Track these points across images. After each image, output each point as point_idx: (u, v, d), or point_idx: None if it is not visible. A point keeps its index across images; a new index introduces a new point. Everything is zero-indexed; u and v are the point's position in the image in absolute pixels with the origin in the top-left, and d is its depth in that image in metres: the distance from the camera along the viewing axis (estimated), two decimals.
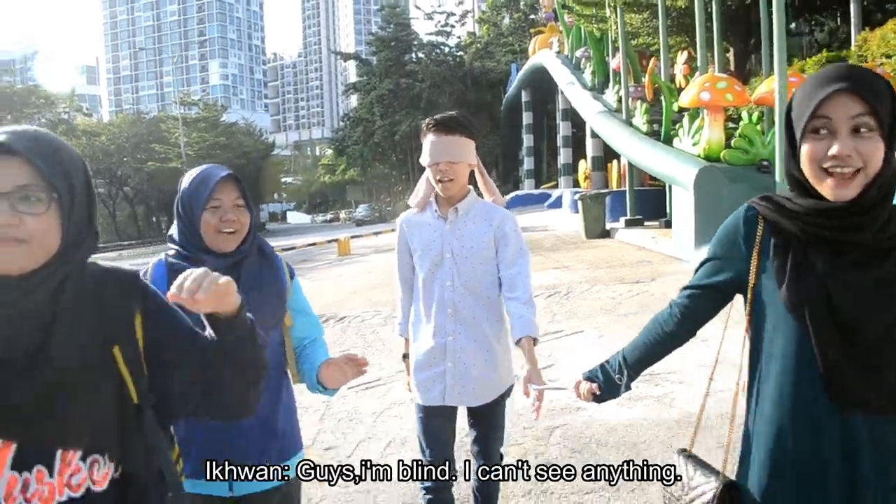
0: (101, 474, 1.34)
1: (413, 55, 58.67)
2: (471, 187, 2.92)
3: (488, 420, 2.93)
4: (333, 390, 2.25)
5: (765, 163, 11.73)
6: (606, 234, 17.25)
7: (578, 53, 25.28)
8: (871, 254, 1.50)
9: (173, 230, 2.17)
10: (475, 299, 2.82)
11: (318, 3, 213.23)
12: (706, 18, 15.76)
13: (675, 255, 12.48)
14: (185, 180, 2.15)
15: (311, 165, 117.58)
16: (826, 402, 1.51)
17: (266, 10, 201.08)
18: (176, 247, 2.13)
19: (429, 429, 2.89)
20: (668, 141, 14.84)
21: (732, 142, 12.32)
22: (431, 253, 2.84)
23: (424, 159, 2.79)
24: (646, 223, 17.13)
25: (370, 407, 5.67)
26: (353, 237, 26.46)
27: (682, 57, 17.89)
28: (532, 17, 53.93)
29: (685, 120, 14.04)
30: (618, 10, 18.28)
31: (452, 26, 61.79)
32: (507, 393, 2.96)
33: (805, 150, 1.49)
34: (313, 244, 28.44)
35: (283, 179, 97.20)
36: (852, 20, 11.65)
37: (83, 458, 1.31)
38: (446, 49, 59.36)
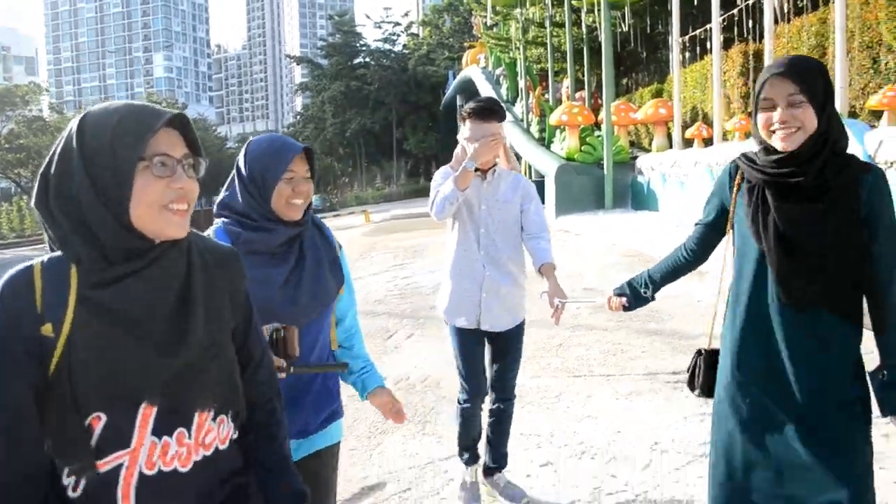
0: (225, 433, 1.43)
1: (362, 59, 64.59)
2: (497, 159, 3.45)
3: (510, 347, 3.49)
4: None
5: (601, 162, 18.07)
6: None
7: (497, 72, 31.58)
8: (808, 193, 2.02)
9: (228, 198, 2.11)
10: (503, 242, 3.38)
11: None
12: (582, 54, 22.25)
13: None
14: (254, 150, 2.10)
15: None
16: (777, 301, 2.09)
17: (210, 1, 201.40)
18: (235, 215, 2.09)
19: (464, 347, 3.45)
20: (549, 145, 21.15)
21: (582, 147, 18.67)
22: (469, 205, 3.36)
23: (465, 137, 3.32)
24: (545, 204, 23.36)
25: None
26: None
27: (565, 83, 24.23)
28: (470, 21, 59.93)
29: (557, 131, 20.37)
30: (520, 45, 24.64)
31: (398, 35, 67.85)
32: (524, 324, 3.53)
33: (759, 118, 2.04)
34: None
35: None
36: (674, 66, 17.96)
37: (214, 419, 1.39)
38: (392, 55, 65.32)
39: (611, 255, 12.07)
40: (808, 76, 1.97)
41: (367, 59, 64.80)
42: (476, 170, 3.29)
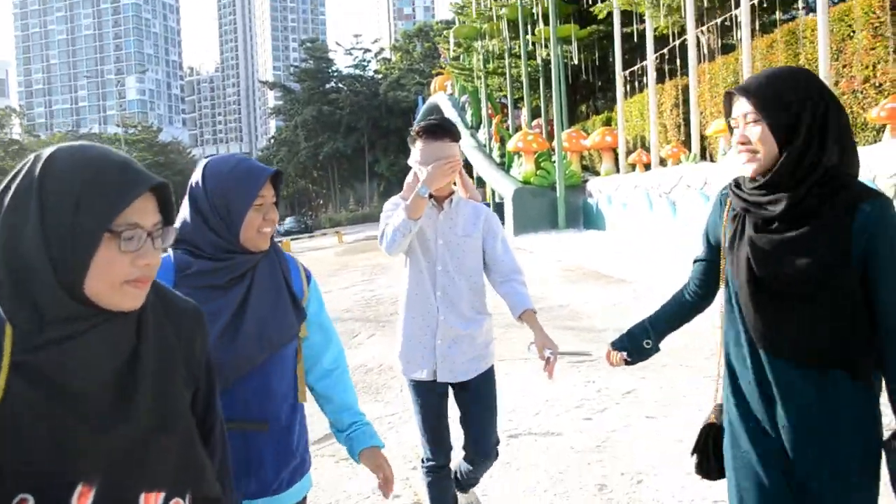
0: None
1: (334, 84, 66.37)
2: (454, 186, 3.05)
3: (480, 397, 3.02)
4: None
5: (554, 184, 19.66)
6: None
7: (462, 99, 33.23)
8: (788, 224, 1.75)
9: (181, 229, 1.84)
10: (464, 283, 2.96)
11: (234, 20, 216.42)
12: (539, 84, 23.94)
13: None
14: (215, 174, 1.84)
15: None
16: (749, 346, 1.84)
17: (183, 24, 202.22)
18: (186, 245, 1.83)
19: (424, 403, 3.01)
20: (508, 170, 22.74)
21: (537, 171, 20.26)
22: (424, 239, 2.94)
23: (416, 160, 2.89)
24: (504, 225, 24.98)
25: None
26: (292, 240, 33.63)
27: (523, 111, 25.94)
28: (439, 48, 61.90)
29: (515, 157, 21.97)
30: (482, 75, 26.35)
31: (368, 61, 69.77)
32: (493, 372, 3.09)
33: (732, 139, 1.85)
34: None
35: None
36: (618, 98, 19.64)
37: (166, 501, 1.22)
38: (363, 80, 67.14)
39: (554, 269, 13.58)
40: (768, 93, 1.74)
41: (339, 85, 66.60)
42: (431, 198, 2.90)
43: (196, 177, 1.88)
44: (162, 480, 1.21)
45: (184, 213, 1.86)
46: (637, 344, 2.26)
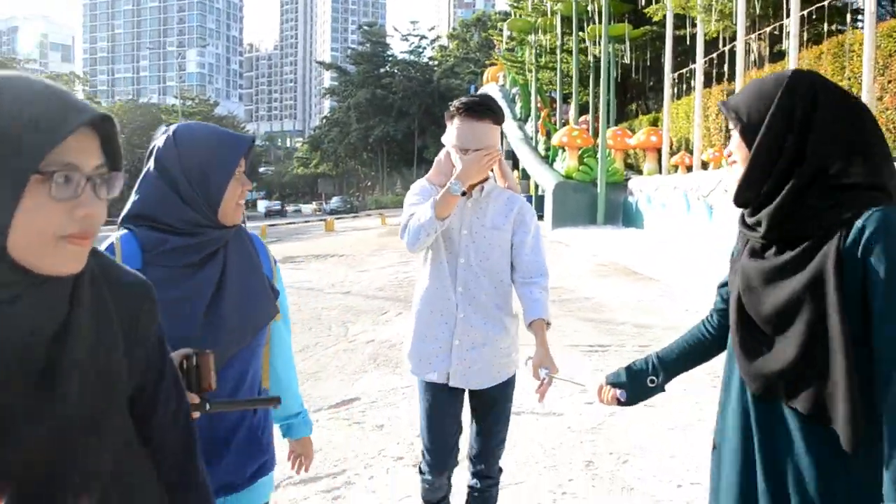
0: None
1: (388, 69, 67.11)
2: (490, 172, 2.72)
3: (494, 410, 2.77)
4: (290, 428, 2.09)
5: (596, 180, 19.82)
6: None
7: (513, 91, 33.45)
8: (776, 246, 1.53)
9: (140, 205, 1.67)
10: (488, 280, 2.68)
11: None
12: (589, 80, 24.04)
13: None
14: (188, 142, 1.67)
15: (282, 157, 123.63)
16: (741, 385, 1.62)
17: (245, 0, 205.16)
18: (151, 222, 1.65)
19: (432, 407, 2.74)
20: (552, 163, 22.93)
21: (580, 167, 20.43)
22: (447, 228, 2.64)
23: (451, 141, 2.59)
24: (544, 218, 25.22)
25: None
26: (336, 219, 34.35)
27: (572, 107, 26.06)
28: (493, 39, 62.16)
29: (560, 151, 22.17)
30: (533, 69, 26.52)
31: (423, 48, 70.31)
32: (513, 382, 2.81)
33: None
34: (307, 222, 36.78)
35: (260, 170, 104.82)
36: (665, 100, 19.70)
37: None
38: (417, 66, 67.73)
39: (587, 263, 13.80)
40: (740, 100, 1.55)
41: (394, 70, 67.29)
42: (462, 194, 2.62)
43: (163, 142, 1.70)
44: (91, 482, 1.02)
45: (144, 185, 1.69)
46: (638, 381, 1.91)
